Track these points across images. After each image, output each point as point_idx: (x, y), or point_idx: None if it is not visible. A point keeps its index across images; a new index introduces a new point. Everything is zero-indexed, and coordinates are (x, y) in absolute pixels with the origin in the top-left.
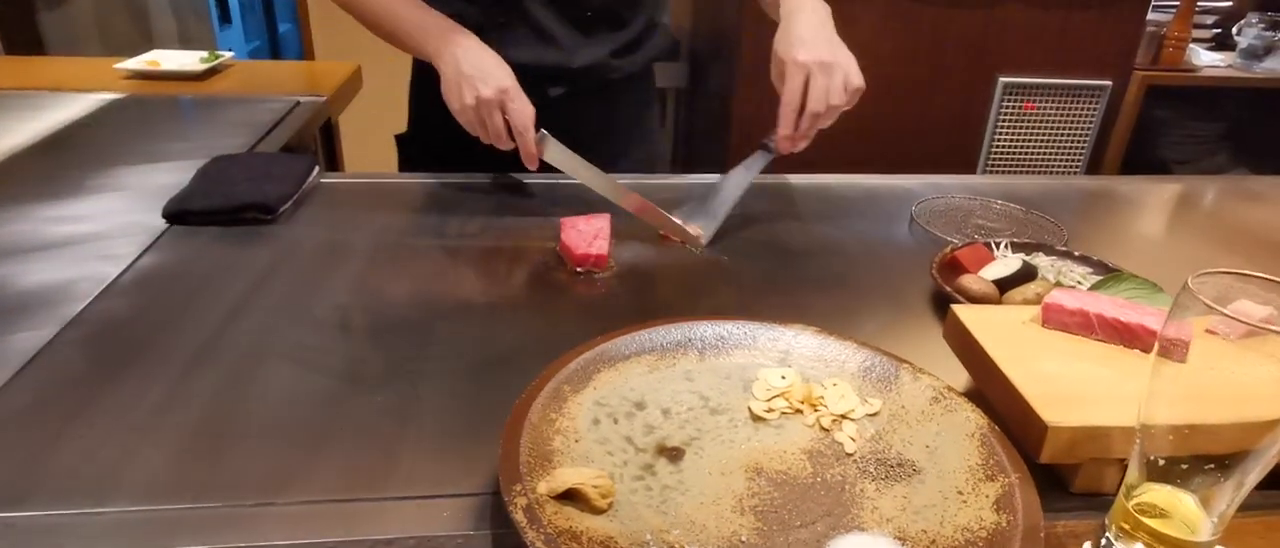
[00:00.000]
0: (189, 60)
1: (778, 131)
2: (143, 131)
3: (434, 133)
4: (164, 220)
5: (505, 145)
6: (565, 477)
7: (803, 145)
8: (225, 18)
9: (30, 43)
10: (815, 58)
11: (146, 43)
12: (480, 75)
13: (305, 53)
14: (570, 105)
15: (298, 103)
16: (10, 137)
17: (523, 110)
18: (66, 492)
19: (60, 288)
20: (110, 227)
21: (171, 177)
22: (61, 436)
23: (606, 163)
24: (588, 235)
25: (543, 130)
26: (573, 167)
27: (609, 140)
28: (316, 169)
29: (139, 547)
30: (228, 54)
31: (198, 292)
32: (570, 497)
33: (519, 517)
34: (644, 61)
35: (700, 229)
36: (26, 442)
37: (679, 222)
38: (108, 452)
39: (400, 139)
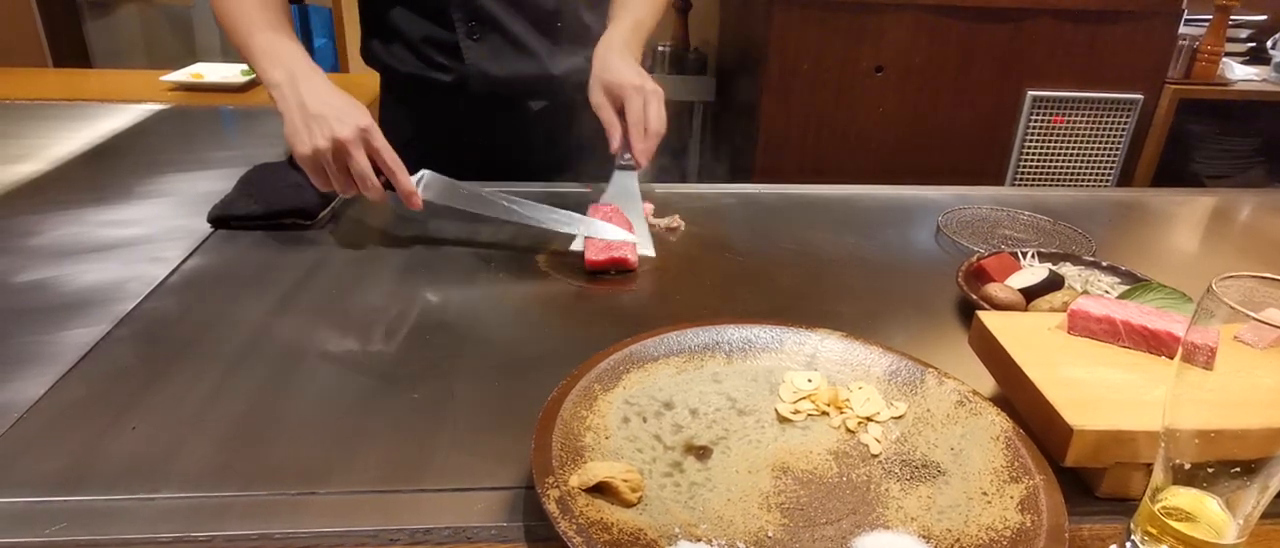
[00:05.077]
0: (230, 73)
1: (632, 147)
2: (187, 141)
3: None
4: (208, 225)
5: (374, 192)
6: (596, 470)
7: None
8: None
9: (77, 56)
10: (645, 84)
11: (189, 56)
12: (334, 114)
13: (340, 66)
14: (547, 119)
15: None
16: (62, 145)
17: (389, 147)
18: (120, 478)
19: (112, 288)
20: (158, 230)
21: (215, 184)
22: (114, 426)
23: (581, 175)
24: (607, 243)
25: (423, 169)
26: (467, 201)
27: (586, 152)
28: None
29: (189, 531)
30: None
31: (241, 293)
32: (601, 490)
33: (552, 508)
34: None
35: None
36: (81, 431)
37: (632, 237)
38: (158, 442)
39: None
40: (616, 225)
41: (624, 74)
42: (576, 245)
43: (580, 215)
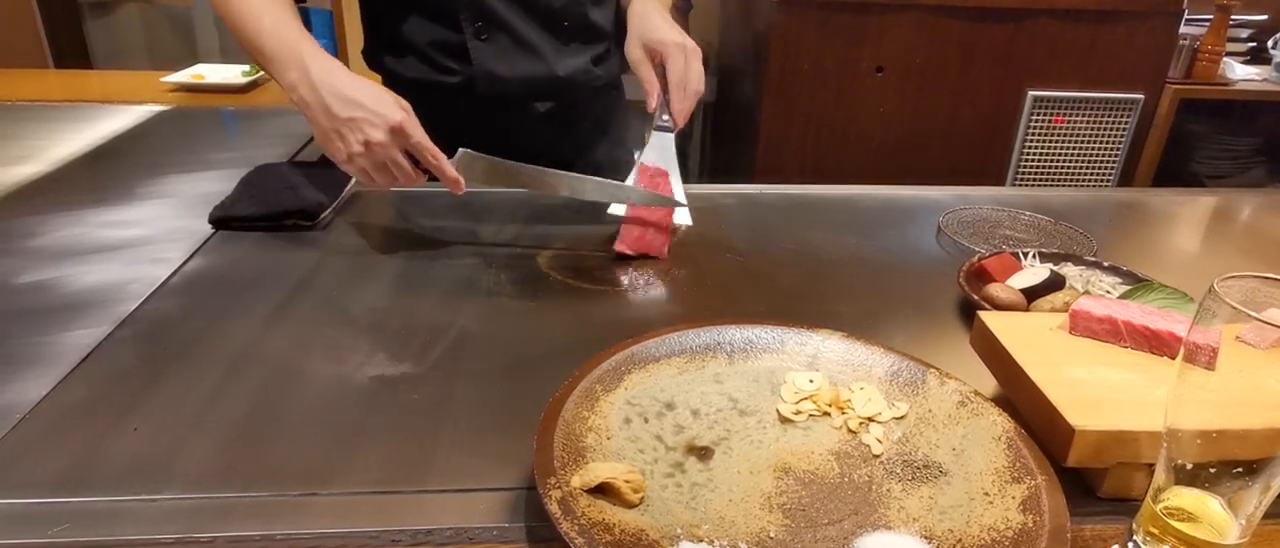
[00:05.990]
0: (231, 74)
1: (671, 108)
2: (188, 142)
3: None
4: (210, 226)
5: (415, 182)
6: (598, 471)
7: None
8: None
9: (78, 56)
10: (687, 42)
11: (190, 57)
12: (364, 115)
13: None
14: (553, 121)
15: None
16: (63, 146)
17: (426, 140)
18: (122, 480)
19: (113, 289)
20: (159, 232)
21: (216, 185)
22: (116, 427)
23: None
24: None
25: (463, 148)
26: (506, 177)
27: (590, 152)
28: (354, 178)
29: (191, 532)
30: None
31: (243, 293)
32: (603, 491)
33: (553, 508)
34: (619, 71)
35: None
36: (83, 432)
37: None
38: (160, 443)
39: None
40: (660, 199)
41: (666, 31)
42: (616, 209)
43: (620, 184)
